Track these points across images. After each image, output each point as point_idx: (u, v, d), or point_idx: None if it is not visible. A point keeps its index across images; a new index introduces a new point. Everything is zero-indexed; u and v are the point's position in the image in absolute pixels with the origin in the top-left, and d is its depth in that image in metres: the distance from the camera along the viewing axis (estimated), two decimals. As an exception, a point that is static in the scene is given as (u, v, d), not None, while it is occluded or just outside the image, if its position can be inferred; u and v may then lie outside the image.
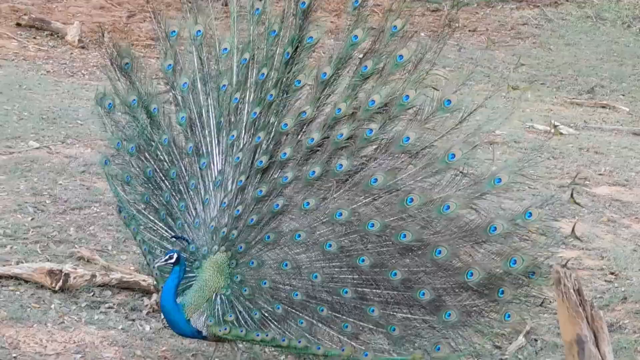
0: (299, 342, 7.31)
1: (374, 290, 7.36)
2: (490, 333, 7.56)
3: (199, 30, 7.93)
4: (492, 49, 18.97)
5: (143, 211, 7.75)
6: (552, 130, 6.96)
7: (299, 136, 7.50)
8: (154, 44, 16.97)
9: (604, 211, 11.62)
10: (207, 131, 7.67)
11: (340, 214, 7.31)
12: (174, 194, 7.65)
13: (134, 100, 7.82)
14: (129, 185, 7.79)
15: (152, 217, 7.73)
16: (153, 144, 7.72)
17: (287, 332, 7.36)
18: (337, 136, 7.40)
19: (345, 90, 7.49)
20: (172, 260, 7.27)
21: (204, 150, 7.65)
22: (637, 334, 9.10)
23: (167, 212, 7.67)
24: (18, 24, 17.03)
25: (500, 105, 15.49)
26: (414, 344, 7.41)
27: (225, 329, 7.34)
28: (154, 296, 8.45)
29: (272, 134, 7.49)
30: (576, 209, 11.23)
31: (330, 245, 7.31)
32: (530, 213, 7.26)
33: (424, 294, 7.28)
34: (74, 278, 8.51)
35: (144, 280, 8.63)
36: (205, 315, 7.37)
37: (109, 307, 8.41)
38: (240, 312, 7.40)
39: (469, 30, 20.11)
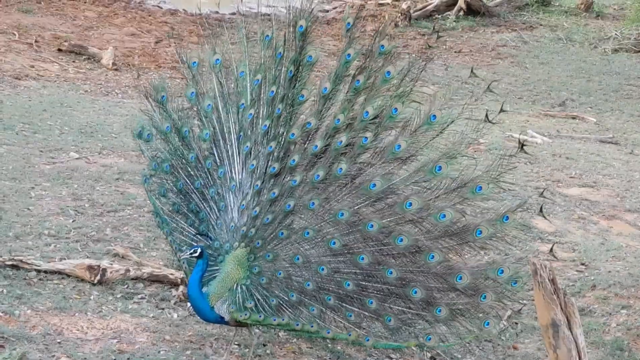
0: (312, 326, 7.34)
1: (373, 284, 7.39)
2: (474, 332, 7.56)
3: (218, 59, 7.98)
4: (475, 68, 18.96)
5: (175, 217, 7.79)
6: (520, 144, 7.08)
7: (305, 144, 7.52)
8: (179, 65, 17.04)
9: (575, 209, 11.62)
10: (228, 144, 7.69)
11: (342, 214, 7.35)
12: (200, 200, 7.69)
13: (168, 126, 7.85)
14: (165, 196, 7.86)
15: (182, 222, 7.77)
16: (184, 161, 7.75)
17: (300, 318, 7.38)
18: (337, 143, 7.43)
19: (343, 103, 7.51)
20: (196, 254, 7.29)
21: (224, 161, 7.67)
22: (605, 318, 9.09)
23: (195, 217, 7.71)
24: (59, 50, 17.05)
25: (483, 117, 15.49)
26: (408, 332, 7.44)
27: (246, 314, 7.35)
28: (181, 287, 8.47)
29: (282, 143, 7.52)
30: (552, 209, 11.23)
31: (334, 243, 7.34)
32: (507, 217, 7.35)
33: (416, 291, 7.34)
34: (111, 272, 8.52)
35: (171, 274, 8.64)
36: (227, 303, 7.38)
37: (141, 298, 8.41)
38: (258, 299, 7.41)
39: (455, 52, 20.11)
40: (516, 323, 9.00)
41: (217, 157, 7.70)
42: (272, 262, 7.45)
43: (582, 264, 10.08)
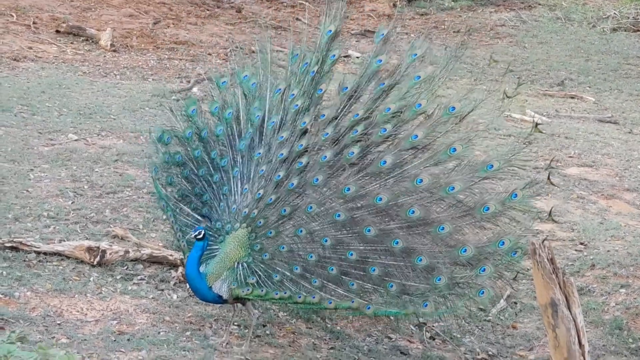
0: (313, 297, 7.41)
1: (378, 254, 7.49)
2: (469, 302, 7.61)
3: (246, 75, 8.18)
4: (473, 48, 18.92)
5: (179, 203, 7.94)
6: (534, 124, 7.62)
7: (318, 132, 7.67)
8: (176, 47, 17.00)
9: (573, 189, 11.62)
10: (239, 141, 7.90)
11: (348, 189, 7.48)
12: (204, 185, 7.86)
13: (190, 132, 8.05)
14: (171, 184, 8.03)
15: (185, 207, 7.90)
16: (195, 155, 7.96)
17: (301, 291, 7.45)
18: (352, 132, 7.62)
19: (365, 101, 7.74)
20: (200, 236, 7.44)
21: (231, 152, 7.88)
22: (604, 297, 9.11)
23: (199, 200, 7.87)
24: (57, 31, 16.99)
25: (482, 97, 15.48)
26: (407, 300, 7.49)
27: (248, 289, 7.45)
28: (180, 269, 8.47)
29: (294, 131, 7.70)
30: (551, 189, 11.23)
31: (339, 215, 7.46)
32: (516, 194, 7.49)
33: (421, 259, 7.42)
34: (110, 254, 8.52)
35: (171, 255, 8.64)
36: (227, 282, 7.46)
37: (140, 279, 8.42)
38: (260, 275, 7.50)
39: (454, 31, 20.06)
40: (515, 302, 9.02)
41: (226, 150, 7.90)
42: (274, 238, 7.55)
43: (581, 244, 10.09)
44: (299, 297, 7.40)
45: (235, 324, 7.93)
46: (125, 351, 7.34)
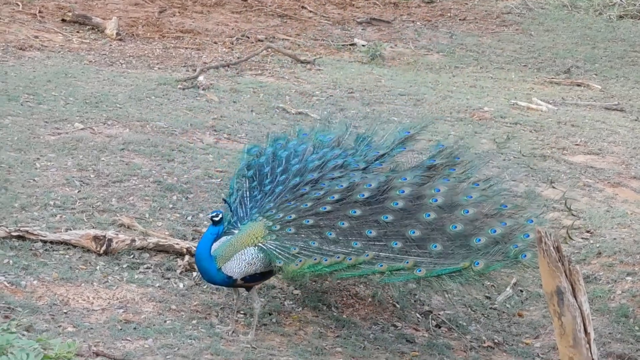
0: (367, 255, 7.59)
1: (411, 221, 7.72)
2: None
3: (322, 135, 8.63)
4: (479, 36, 18.88)
5: (244, 193, 8.27)
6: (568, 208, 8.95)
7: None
8: (182, 35, 16.99)
9: (580, 177, 11.60)
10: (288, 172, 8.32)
11: (370, 185, 7.83)
12: (273, 179, 8.22)
13: (270, 150, 8.52)
14: (245, 178, 8.40)
15: (246, 198, 8.20)
16: (281, 156, 8.44)
17: (350, 254, 7.62)
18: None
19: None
20: (217, 218, 7.65)
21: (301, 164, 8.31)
22: (610, 285, 9.10)
23: (262, 189, 8.18)
24: (63, 20, 16.97)
25: (488, 85, 15.47)
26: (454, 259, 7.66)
27: (300, 260, 7.60)
28: (187, 257, 8.48)
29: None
30: (556, 176, 11.24)
31: (363, 195, 7.79)
32: (532, 220, 7.80)
33: (455, 227, 7.68)
34: (116, 243, 8.53)
35: (177, 244, 8.65)
36: (238, 262, 7.61)
37: (147, 268, 8.43)
38: (297, 245, 7.66)
39: (460, 19, 20.02)
40: (521, 290, 9.02)
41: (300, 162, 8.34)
42: (295, 220, 7.78)
43: (587, 232, 10.08)
44: (349, 259, 7.55)
45: (241, 312, 7.95)
46: (132, 339, 7.35)
